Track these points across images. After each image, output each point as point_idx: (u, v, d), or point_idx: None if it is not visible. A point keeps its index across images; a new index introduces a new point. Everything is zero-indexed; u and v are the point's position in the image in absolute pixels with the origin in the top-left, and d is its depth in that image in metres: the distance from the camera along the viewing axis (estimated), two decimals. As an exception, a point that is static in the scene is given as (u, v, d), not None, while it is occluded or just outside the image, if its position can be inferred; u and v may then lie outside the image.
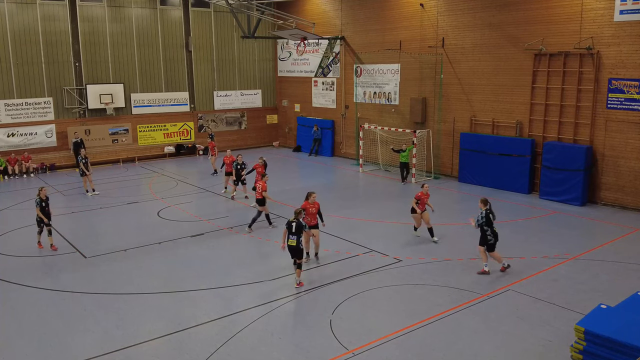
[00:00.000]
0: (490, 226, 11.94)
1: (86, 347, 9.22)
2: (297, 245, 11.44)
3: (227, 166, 19.70)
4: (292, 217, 11.61)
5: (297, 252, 11.54)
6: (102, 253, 13.90)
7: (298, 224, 11.47)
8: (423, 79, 23.15)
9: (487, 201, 12.22)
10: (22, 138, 24.65)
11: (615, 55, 17.15)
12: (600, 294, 11.06)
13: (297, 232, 11.41)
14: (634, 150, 17.08)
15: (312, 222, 12.77)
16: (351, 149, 27.24)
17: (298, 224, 11.46)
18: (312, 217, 12.73)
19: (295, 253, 11.55)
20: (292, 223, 11.47)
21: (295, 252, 11.54)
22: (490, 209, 12.08)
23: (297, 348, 9.11)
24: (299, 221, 11.49)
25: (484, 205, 12.08)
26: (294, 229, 11.43)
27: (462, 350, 8.98)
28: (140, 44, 27.08)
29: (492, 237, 11.98)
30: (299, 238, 11.43)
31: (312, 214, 12.71)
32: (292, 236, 11.44)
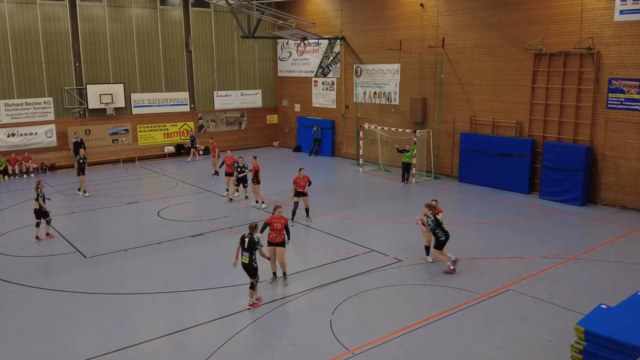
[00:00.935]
0: (440, 227, 12.19)
1: (86, 347, 9.23)
2: (250, 263, 10.41)
3: (228, 167, 19.52)
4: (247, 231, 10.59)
5: (250, 271, 10.50)
6: (102, 253, 13.90)
7: (250, 239, 10.39)
8: (423, 79, 23.15)
9: (431, 205, 12.47)
10: (22, 138, 24.65)
11: (615, 55, 17.15)
12: (600, 294, 11.06)
13: (249, 249, 10.40)
14: (634, 150, 17.08)
15: (278, 239, 11.65)
16: (351, 149, 27.25)
17: (250, 240, 10.39)
18: (278, 234, 11.62)
19: (247, 271, 10.53)
20: (245, 238, 10.44)
21: (248, 271, 10.52)
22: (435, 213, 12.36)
23: (297, 348, 9.11)
24: (252, 237, 10.40)
25: (430, 210, 12.34)
26: (247, 244, 10.41)
27: (462, 350, 8.98)
28: (141, 44, 27.08)
29: (444, 235, 12.20)
30: (251, 255, 10.38)
31: (277, 229, 11.62)
32: (245, 253, 10.42)
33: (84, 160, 20.06)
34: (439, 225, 12.24)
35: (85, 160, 20.20)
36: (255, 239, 10.42)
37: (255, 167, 17.98)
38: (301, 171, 16.18)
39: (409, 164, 21.59)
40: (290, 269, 12.63)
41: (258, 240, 10.46)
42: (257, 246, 10.44)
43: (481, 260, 13.04)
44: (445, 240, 12.27)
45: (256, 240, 10.42)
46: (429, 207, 12.43)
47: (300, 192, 16.02)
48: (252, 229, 10.51)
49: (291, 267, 12.75)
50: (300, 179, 15.93)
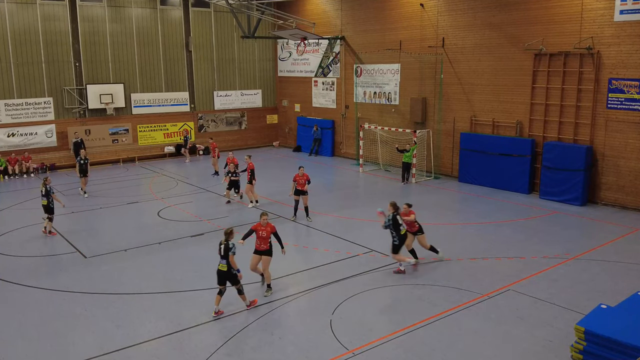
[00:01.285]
0: (396, 230, 11.98)
1: (86, 347, 9.22)
2: (229, 270, 10.07)
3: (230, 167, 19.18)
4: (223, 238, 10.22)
5: (230, 278, 10.17)
6: (102, 253, 13.90)
7: (225, 245, 10.04)
8: (423, 79, 23.15)
9: (396, 206, 12.20)
10: (22, 138, 24.65)
11: (615, 55, 17.15)
12: (600, 294, 11.06)
13: (225, 256, 10.05)
14: (634, 150, 17.08)
15: (263, 246, 11.08)
16: (351, 149, 27.25)
17: (226, 246, 10.03)
18: (263, 242, 11.07)
19: (228, 279, 10.19)
20: (221, 245, 10.12)
21: (228, 278, 10.18)
22: (398, 213, 12.10)
23: (297, 348, 9.11)
24: (227, 243, 10.06)
25: (393, 209, 12.10)
26: (222, 251, 10.09)
27: (462, 350, 8.98)
28: (141, 44, 27.08)
29: (398, 239, 12.03)
30: (229, 262, 10.06)
31: (262, 237, 11.05)
32: (222, 260, 10.12)
33: (85, 161, 19.94)
34: (396, 227, 11.97)
35: (87, 161, 20.08)
36: (230, 245, 10.04)
37: (250, 167, 17.98)
38: (301, 169, 16.38)
39: (409, 164, 21.58)
40: (290, 269, 12.64)
41: (232, 246, 10.05)
42: (230, 252, 10.02)
43: (481, 260, 13.04)
44: (400, 245, 12.04)
45: (230, 246, 10.03)
46: (392, 206, 12.15)
47: (300, 191, 16.21)
48: (227, 234, 10.17)
49: (291, 267, 12.77)
50: (300, 177, 16.13)
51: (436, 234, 15.16)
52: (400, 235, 12.04)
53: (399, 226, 12.02)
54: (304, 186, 16.15)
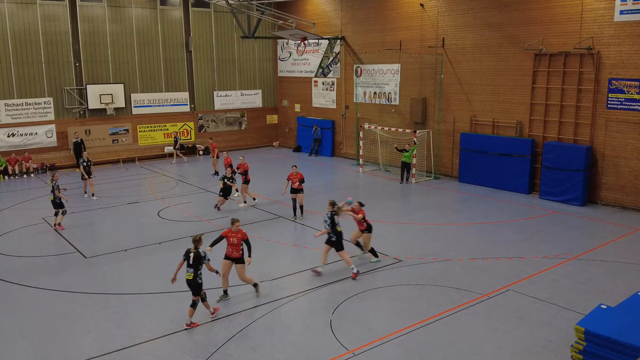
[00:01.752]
0: (333, 227, 12.04)
1: (86, 347, 9.22)
2: (195, 279, 9.74)
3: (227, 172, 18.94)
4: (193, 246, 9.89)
5: (195, 288, 9.84)
6: (102, 253, 13.90)
7: (196, 254, 9.74)
8: (423, 79, 23.15)
9: (334, 204, 12.28)
10: (22, 138, 24.65)
11: (615, 55, 17.15)
12: (600, 294, 11.06)
13: (195, 264, 9.72)
14: (634, 150, 17.08)
15: (235, 254, 10.82)
16: (351, 149, 27.24)
17: (196, 255, 9.74)
18: (234, 249, 10.80)
19: (192, 288, 9.85)
20: (190, 253, 9.80)
21: (192, 288, 9.84)
22: (336, 212, 12.15)
23: (297, 348, 9.11)
24: (197, 251, 9.76)
25: (332, 207, 12.18)
26: (192, 260, 9.73)
27: (462, 350, 8.98)
28: (141, 44, 27.09)
29: (335, 236, 12.07)
30: (197, 271, 9.72)
31: (233, 244, 10.80)
32: (190, 269, 9.74)
33: (88, 163, 19.59)
34: (333, 224, 12.07)
35: (89, 162, 19.66)
36: (202, 253, 9.78)
37: (245, 167, 18.05)
38: (294, 168, 16.84)
39: (409, 163, 21.57)
40: (291, 269, 12.64)
41: (205, 254, 9.82)
42: (204, 261, 9.77)
43: (481, 260, 13.04)
44: (339, 241, 12.09)
45: (202, 254, 9.76)
46: (331, 205, 12.23)
47: (295, 189, 16.53)
48: (196, 242, 9.83)
49: (291, 267, 12.78)
50: (294, 176, 16.47)
51: (436, 234, 15.18)
52: (337, 232, 12.11)
53: (336, 224, 12.13)
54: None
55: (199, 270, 9.78)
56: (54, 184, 15.82)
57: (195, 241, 9.87)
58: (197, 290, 9.89)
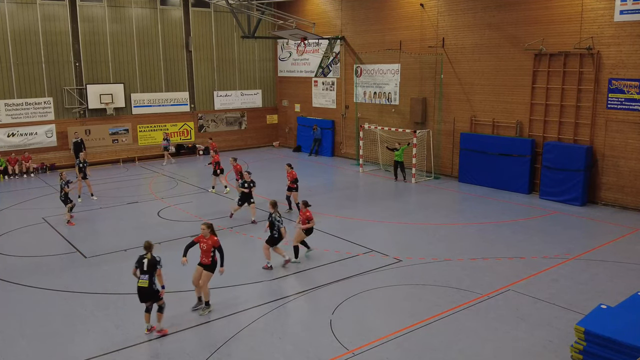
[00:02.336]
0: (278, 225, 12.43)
1: (86, 347, 9.23)
2: (150, 286, 9.39)
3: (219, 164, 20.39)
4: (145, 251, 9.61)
5: (152, 295, 9.49)
6: (102, 253, 13.90)
7: (151, 260, 9.41)
8: (423, 79, 23.15)
9: (276, 204, 12.67)
10: (22, 138, 24.65)
11: (615, 55, 17.15)
12: (600, 294, 11.07)
13: (149, 271, 9.37)
14: (634, 150, 17.08)
15: (205, 260, 10.58)
16: (351, 149, 27.24)
17: (151, 261, 9.41)
18: (204, 255, 10.61)
19: (147, 296, 9.47)
20: (144, 260, 9.44)
21: (148, 296, 9.47)
22: (276, 211, 12.54)
23: (297, 348, 9.11)
24: (153, 257, 9.46)
25: (273, 208, 12.53)
26: (146, 266, 9.38)
27: (462, 350, 8.98)
28: (141, 44, 27.08)
29: (278, 234, 12.43)
30: (152, 277, 9.39)
31: (203, 250, 10.61)
32: (144, 276, 9.38)
33: (84, 164, 19.31)
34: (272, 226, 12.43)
35: (85, 164, 19.40)
36: (157, 258, 9.49)
37: (238, 169, 18.16)
38: (286, 167, 17.15)
39: (401, 162, 21.76)
40: (291, 268, 12.64)
41: (159, 259, 9.52)
42: (157, 266, 9.46)
43: (481, 260, 13.04)
44: (280, 239, 12.48)
45: (158, 259, 9.48)
46: (273, 205, 12.58)
47: (289, 187, 16.97)
48: (147, 248, 9.55)
49: (291, 267, 12.77)
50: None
51: (436, 234, 15.19)
52: (280, 231, 12.43)
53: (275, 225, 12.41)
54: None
55: (154, 277, 9.46)
56: (62, 182, 16.36)
57: (147, 247, 9.55)
58: (156, 296, 9.58)
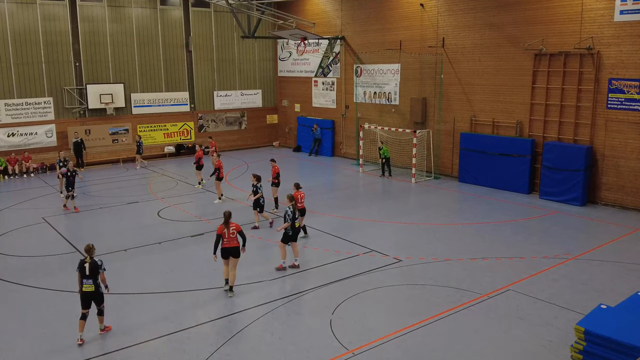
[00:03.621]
0: (293, 222, 12.31)
1: (86, 347, 9.22)
2: (97, 289, 9.38)
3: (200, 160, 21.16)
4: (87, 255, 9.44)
5: (98, 298, 9.49)
6: (102, 253, 13.86)
7: (92, 263, 9.29)
8: (423, 79, 23.15)
9: (292, 198, 12.63)
10: (22, 138, 24.65)
11: (615, 55, 17.15)
12: (600, 294, 11.07)
13: (92, 274, 9.28)
14: (634, 150, 17.08)
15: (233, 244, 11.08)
16: (351, 149, 27.25)
17: (92, 264, 9.29)
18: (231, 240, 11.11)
19: (92, 300, 9.44)
20: (85, 264, 9.29)
21: (94, 299, 9.45)
22: (295, 205, 12.52)
23: (297, 348, 9.11)
24: (93, 260, 9.32)
25: (290, 201, 12.50)
26: (88, 270, 9.26)
27: (462, 350, 8.98)
28: (141, 44, 27.08)
29: (292, 231, 12.36)
30: (96, 281, 9.32)
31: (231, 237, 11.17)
32: (88, 280, 9.28)
33: (74, 174, 17.87)
34: (293, 219, 12.31)
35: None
36: (98, 261, 9.41)
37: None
38: (271, 162, 17.63)
39: (387, 158, 22.71)
40: (291, 269, 12.64)
41: (101, 262, 9.46)
42: (99, 270, 9.40)
43: (481, 260, 13.04)
44: (294, 236, 12.44)
45: (99, 263, 9.40)
46: (290, 199, 12.55)
47: (273, 182, 17.27)
48: (89, 251, 9.43)
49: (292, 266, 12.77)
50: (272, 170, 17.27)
51: (436, 234, 15.18)
52: (295, 228, 12.42)
53: (295, 219, 12.40)
54: (274, 178, 17.15)
55: (97, 280, 9.37)
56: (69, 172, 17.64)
57: (88, 250, 9.44)
58: (101, 299, 9.55)
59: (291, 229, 12.36)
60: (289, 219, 12.25)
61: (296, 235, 12.58)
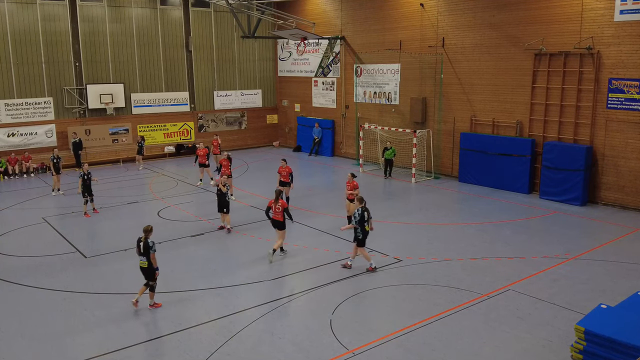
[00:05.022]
0: (362, 224, 12.08)
1: (86, 347, 9.23)
2: (149, 266, 10.47)
3: (201, 157, 21.23)
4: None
5: (149, 274, 10.57)
6: (102, 253, 13.90)
7: (145, 243, 10.39)
8: (423, 79, 23.15)
9: (362, 199, 12.41)
10: (22, 138, 24.65)
11: (615, 55, 17.14)
12: (600, 294, 11.07)
13: (145, 253, 10.41)
14: (634, 150, 17.08)
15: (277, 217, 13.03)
16: (351, 149, 27.24)
17: (146, 244, 10.39)
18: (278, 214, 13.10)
19: (146, 275, 10.59)
20: (140, 242, 10.47)
21: (147, 274, 10.58)
22: (365, 207, 12.23)
23: (297, 348, 9.11)
24: (146, 240, 10.40)
25: (360, 203, 12.26)
26: (142, 249, 10.44)
27: (462, 350, 8.98)
28: (141, 44, 27.08)
29: (361, 234, 12.15)
30: (148, 258, 10.42)
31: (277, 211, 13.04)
32: (142, 257, 10.49)
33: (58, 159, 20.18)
34: (362, 222, 12.10)
35: (59, 159, 20.32)
36: (150, 242, 10.38)
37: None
38: (283, 162, 17.50)
39: (391, 160, 22.49)
40: (291, 269, 12.67)
41: (153, 244, 10.41)
42: (150, 250, 10.35)
43: (481, 260, 13.04)
44: (364, 239, 12.22)
45: (150, 244, 10.37)
46: (359, 201, 12.35)
47: (283, 182, 17.10)
48: (146, 232, 10.49)
49: (291, 267, 12.79)
50: (283, 169, 17.12)
51: (436, 234, 15.19)
52: (365, 230, 12.22)
53: (365, 222, 12.17)
54: (286, 178, 17.03)
55: (149, 257, 10.38)
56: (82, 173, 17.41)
57: (146, 231, 10.49)
58: (152, 277, 10.54)
59: (361, 231, 12.10)
60: (355, 221, 12.09)
61: (365, 238, 12.24)
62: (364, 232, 12.19)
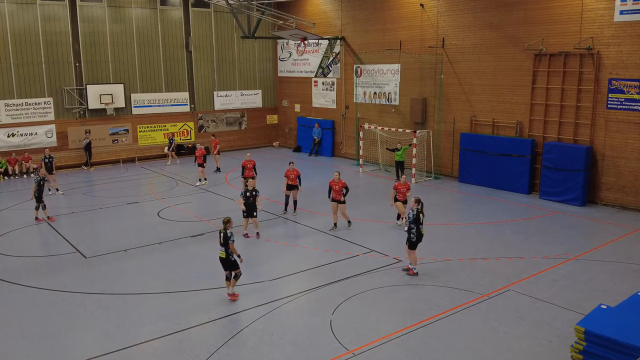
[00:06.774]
0: (417, 225, 11.85)
1: (86, 347, 9.22)
2: (227, 257, 10.79)
3: (199, 158, 21.64)
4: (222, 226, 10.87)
5: (228, 265, 10.88)
6: (102, 253, 13.90)
7: (224, 234, 10.74)
8: (423, 79, 23.15)
9: (419, 200, 12.10)
10: (22, 138, 24.65)
11: (615, 56, 17.15)
12: (600, 294, 11.06)
13: (224, 244, 10.74)
14: (634, 150, 17.08)
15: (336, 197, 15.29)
16: (351, 149, 27.25)
17: (224, 235, 10.74)
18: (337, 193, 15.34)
19: (225, 266, 10.92)
20: (221, 233, 10.84)
21: (226, 265, 10.90)
22: (422, 209, 11.98)
23: (297, 348, 9.11)
24: (226, 231, 10.74)
25: (417, 204, 11.96)
26: (222, 239, 10.81)
27: (462, 350, 8.98)
28: (141, 44, 27.08)
29: (415, 236, 11.88)
30: (227, 249, 10.72)
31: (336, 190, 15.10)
32: (222, 247, 10.84)
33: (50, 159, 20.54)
34: (417, 223, 11.84)
35: (52, 159, 20.66)
36: (229, 233, 10.72)
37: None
38: (291, 165, 17.10)
39: (402, 162, 21.68)
40: (291, 269, 12.66)
41: (231, 234, 10.73)
42: (229, 240, 10.70)
43: (481, 260, 13.04)
44: (417, 242, 11.92)
45: (229, 235, 10.71)
46: (417, 202, 11.97)
47: (291, 185, 16.88)
48: (225, 223, 10.82)
49: (291, 267, 12.79)
50: (290, 172, 16.84)
51: (436, 234, 15.18)
52: (420, 233, 11.92)
53: (420, 223, 11.90)
54: (294, 181, 16.82)
55: (229, 248, 10.69)
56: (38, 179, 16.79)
57: (225, 222, 10.84)
58: (231, 266, 10.84)
59: (415, 233, 11.88)
60: (408, 221, 11.93)
61: (418, 242, 11.96)
62: (419, 235, 11.90)
